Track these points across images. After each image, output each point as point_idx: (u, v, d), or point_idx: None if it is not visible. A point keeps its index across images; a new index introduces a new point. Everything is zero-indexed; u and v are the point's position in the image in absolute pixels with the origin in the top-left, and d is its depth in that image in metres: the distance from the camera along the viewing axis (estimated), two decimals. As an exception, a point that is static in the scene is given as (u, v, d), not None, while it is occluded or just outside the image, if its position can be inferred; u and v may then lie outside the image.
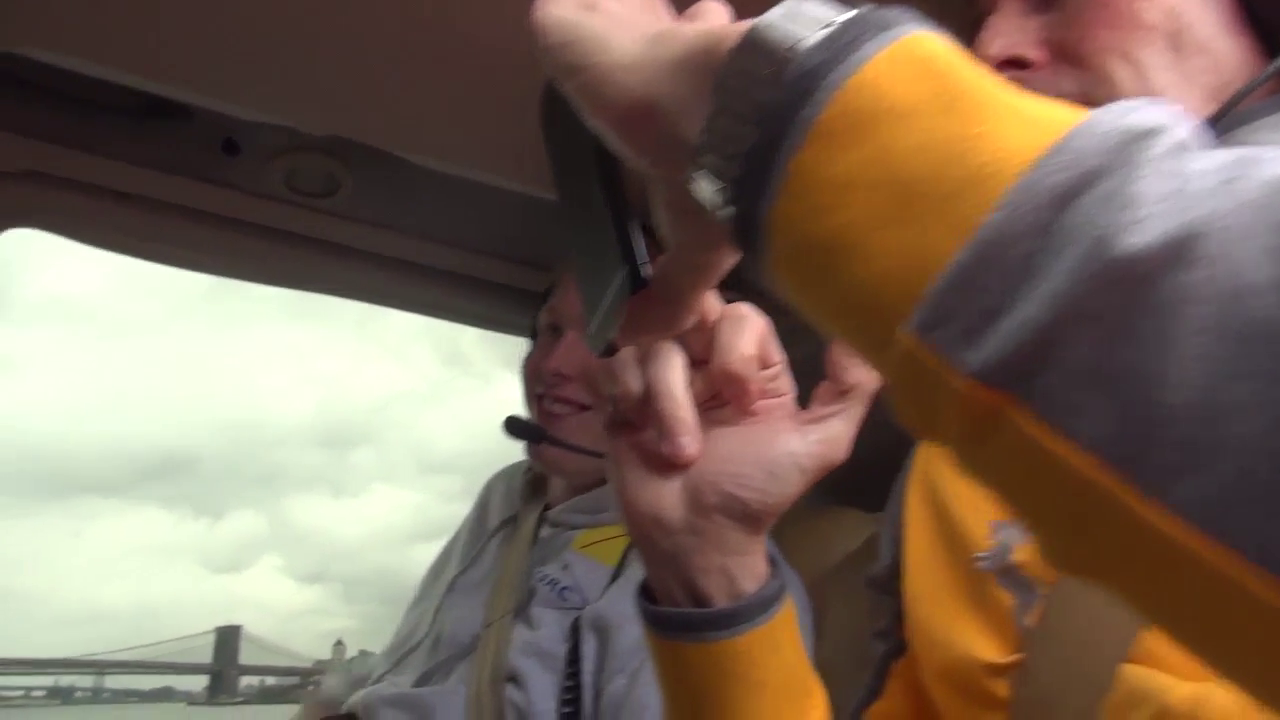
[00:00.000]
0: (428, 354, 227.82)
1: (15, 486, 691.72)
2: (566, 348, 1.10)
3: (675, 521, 0.48)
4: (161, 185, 1.26)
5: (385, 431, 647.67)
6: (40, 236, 1.25)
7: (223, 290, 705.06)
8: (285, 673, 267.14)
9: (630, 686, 0.90)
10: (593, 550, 1.07)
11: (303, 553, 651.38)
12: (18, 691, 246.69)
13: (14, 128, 1.16)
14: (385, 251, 1.42)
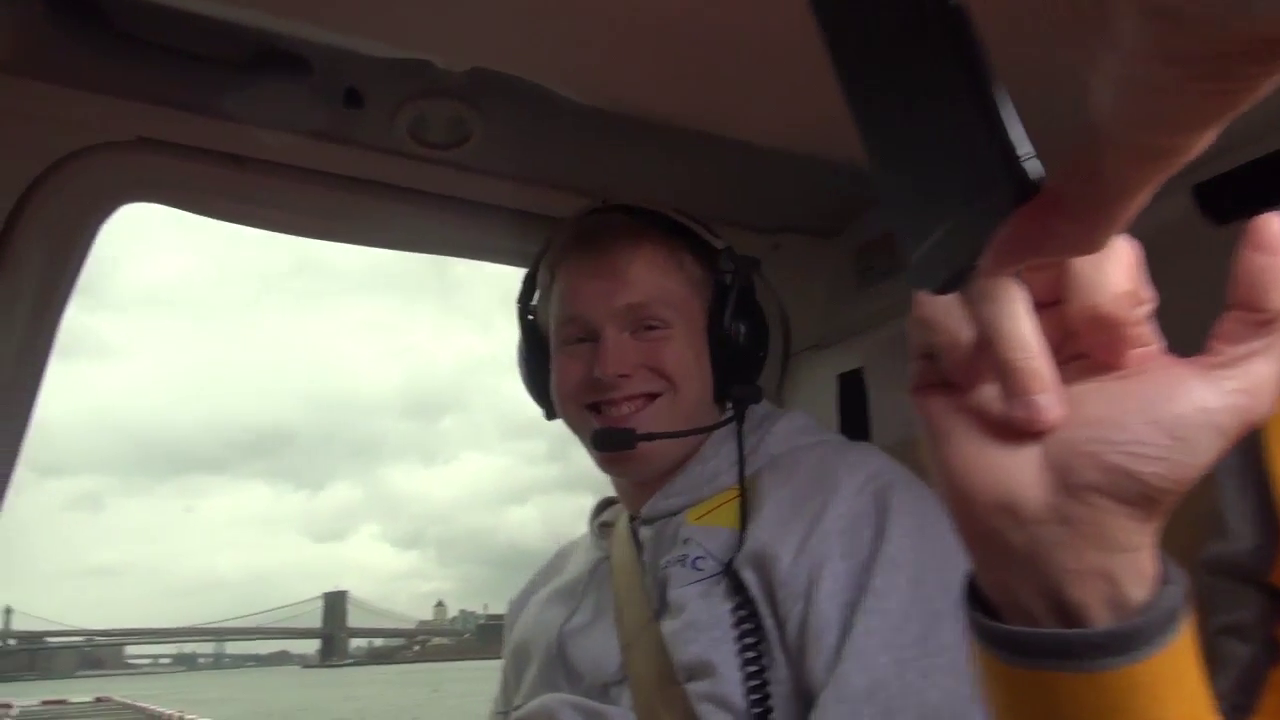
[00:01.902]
0: (507, 320, 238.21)
1: (129, 467, 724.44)
2: (614, 346, 1.04)
3: (1034, 507, 0.38)
4: (279, 146, 1.17)
5: (470, 399, 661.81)
6: (130, 226, 1.17)
7: (306, 269, 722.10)
8: (391, 634, 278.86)
9: (806, 610, 0.88)
10: (707, 520, 1.02)
11: (399, 519, 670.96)
12: (146, 660, 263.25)
13: (122, 92, 1.08)
14: (516, 205, 1.32)
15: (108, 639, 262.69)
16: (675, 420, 1.04)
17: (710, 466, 1.06)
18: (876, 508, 0.92)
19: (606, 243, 1.07)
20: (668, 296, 1.06)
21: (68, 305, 1.11)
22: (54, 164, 1.08)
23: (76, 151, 1.09)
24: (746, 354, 1.09)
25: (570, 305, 1.08)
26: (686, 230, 1.11)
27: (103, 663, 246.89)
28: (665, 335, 1.05)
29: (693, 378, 1.06)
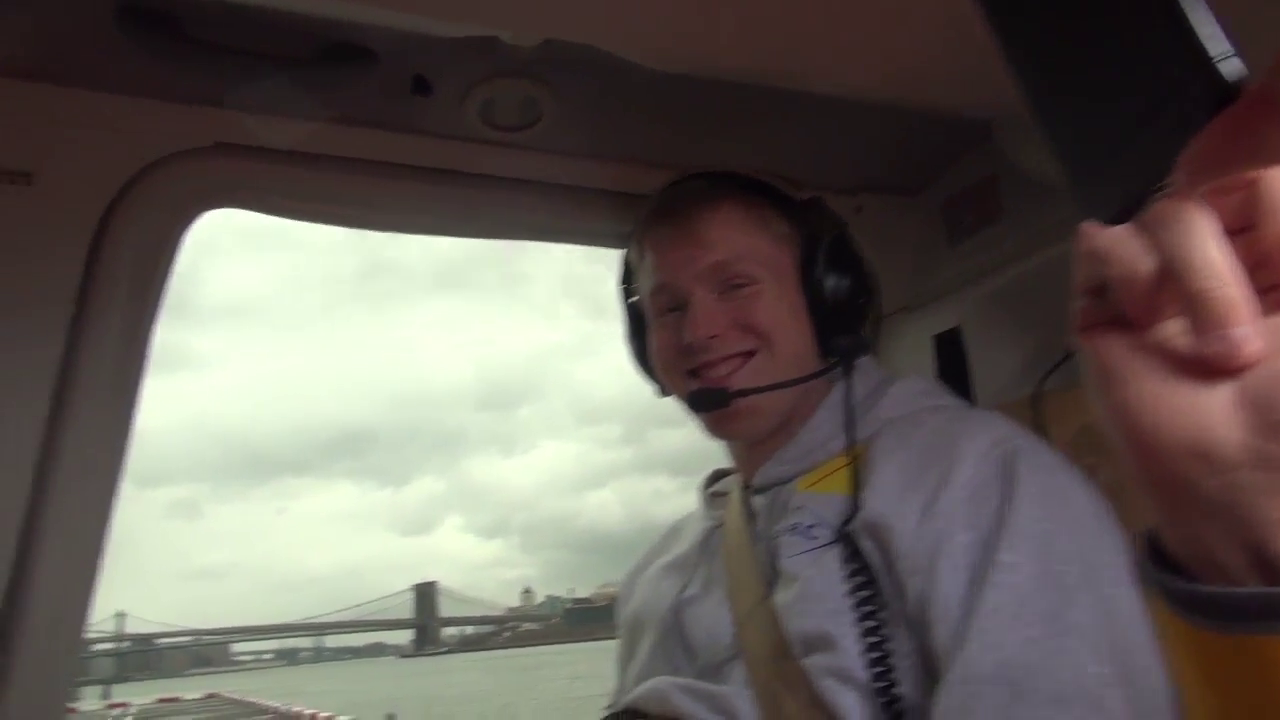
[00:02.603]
0: (573, 309, 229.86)
1: (222, 473, 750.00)
2: (701, 308, 1.03)
3: (1230, 451, 0.34)
4: (350, 141, 1.17)
5: (544, 388, 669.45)
6: (207, 240, 1.17)
7: (376, 272, 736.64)
8: (481, 621, 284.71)
9: (928, 584, 0.83)
10: (819, 487, 0.99)
11: (481, 510, 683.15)
12: (250, 656, 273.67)
13: (197, 98, 1.08)
14: (591, 184, 1.29)
15: (214, 638, 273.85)
16: (773, 376, 1.01)
17: (822, 432, 1.03)
18: (1002, 476, 0.87)
19: (685, 209, 1.06)
20: (752, 253, 1.04)
21: (159, 316, 1.12)
22: (135, 176, 1.09)
23: (156, 162, 1.09)
24: (846, 304, 1.06)
25: (657, 275, 1.07)
26: (768, 188, 1.09)
27: (210, 661, 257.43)
28: (754, 292, 1.03)
29: (787, 332, 1.03)
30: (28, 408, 1.03)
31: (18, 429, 1.03)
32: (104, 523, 1.08)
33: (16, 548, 1.01)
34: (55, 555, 1.03)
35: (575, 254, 53.44)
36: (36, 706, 1.02)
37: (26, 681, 1.01)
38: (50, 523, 1.03)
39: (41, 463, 1.03)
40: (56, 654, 1.04)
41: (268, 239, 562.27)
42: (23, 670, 1.00)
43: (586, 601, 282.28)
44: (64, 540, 1.04)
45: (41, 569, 1.02)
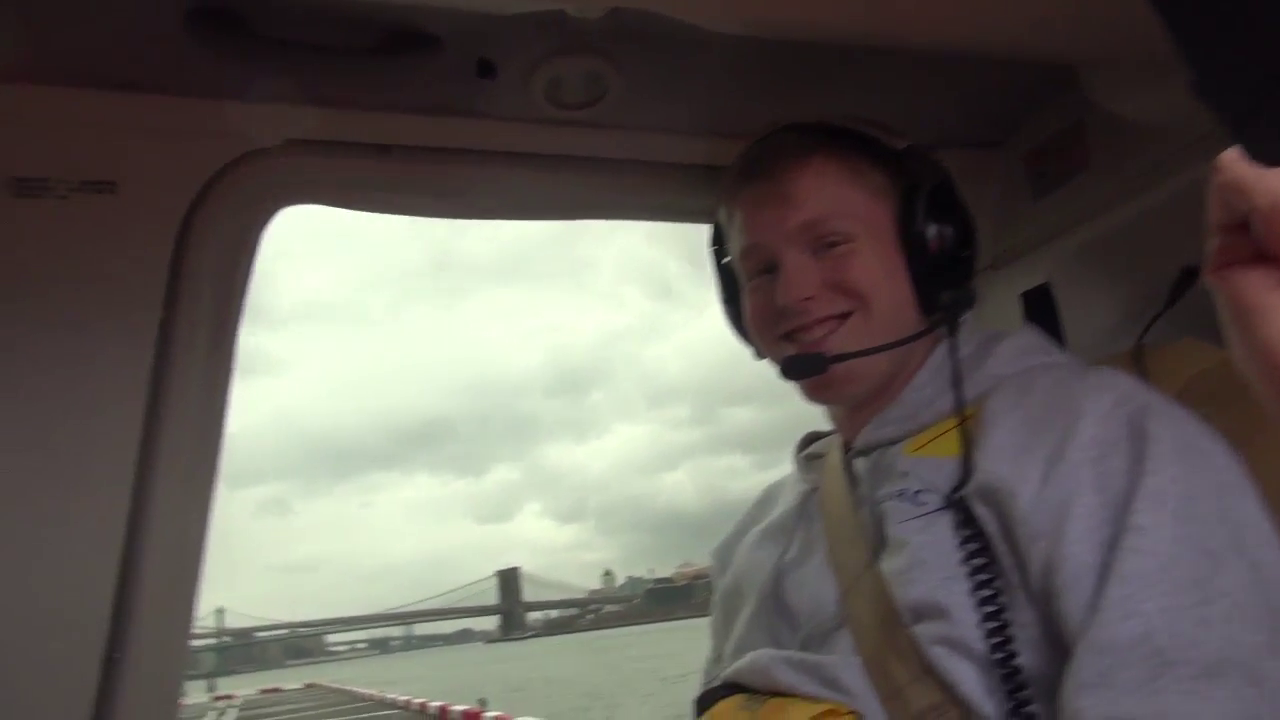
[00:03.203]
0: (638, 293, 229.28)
1: (307, 470, 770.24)
2: (793, 269, 0.99)
3: None
4: (418, 129, 1.17)
5: (614, 371, 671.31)
6: (280, 246, 1.18)
7: (442, 266, 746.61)
8: (564, 605, 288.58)
9: (1053, 551, 0.79)
10: (927, 450, 0.94)
11: (558, 495, 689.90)
12: (344, 646, 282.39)
13: (266, 96, 1.09)
14: (663, 158, 1.28)
15: (309, 629, 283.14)
16: (871, 337, 0.97)
17: (927, 392, 0.99)
18: (1131, 434, 0.82)
19: (773, 165, 1.02)
20: (845, 208, 0.99)
21: (244, 315, 1.14)
22: (211, 178, 1.10)
23: (231, 163, 1.11)
24: (948, 257, 1.00)
25: (747, 236, 1.03)
26: (863, 138, 1.03)
27: (307, 652, 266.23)
28: (848, 250, 0.98)
29: (885, 290, 0.98)
30: (125, 414, 1.06)
31: (117, 435, 1.05)
32: (204, 522, 1.11)
33: (123, 551, 1.04)
34: (160, 556, 1.06)
35: (636, 237, 52.19)
36: (152, 700, 1.05)
37: (142, 676, 1.04)
38: (153, 525, 1.06)
39: (141, 467, 1.06)
40: (167, 649, 1.07)
41: (337, 240, 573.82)
42: (138, 666, 1.04)
43: (667, 581, 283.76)
44: (167, 541, 1.07)
45: (148, 570, 1.05)
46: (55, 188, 1.04)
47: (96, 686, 1.01)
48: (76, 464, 1.04)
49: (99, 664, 1.02)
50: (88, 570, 1.03)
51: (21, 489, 1.02)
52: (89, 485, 1.04)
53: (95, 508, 1.04)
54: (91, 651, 1.02)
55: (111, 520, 1.04)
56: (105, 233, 1.06)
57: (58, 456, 1.04)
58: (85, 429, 1.05)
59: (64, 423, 1.04)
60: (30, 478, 1.02)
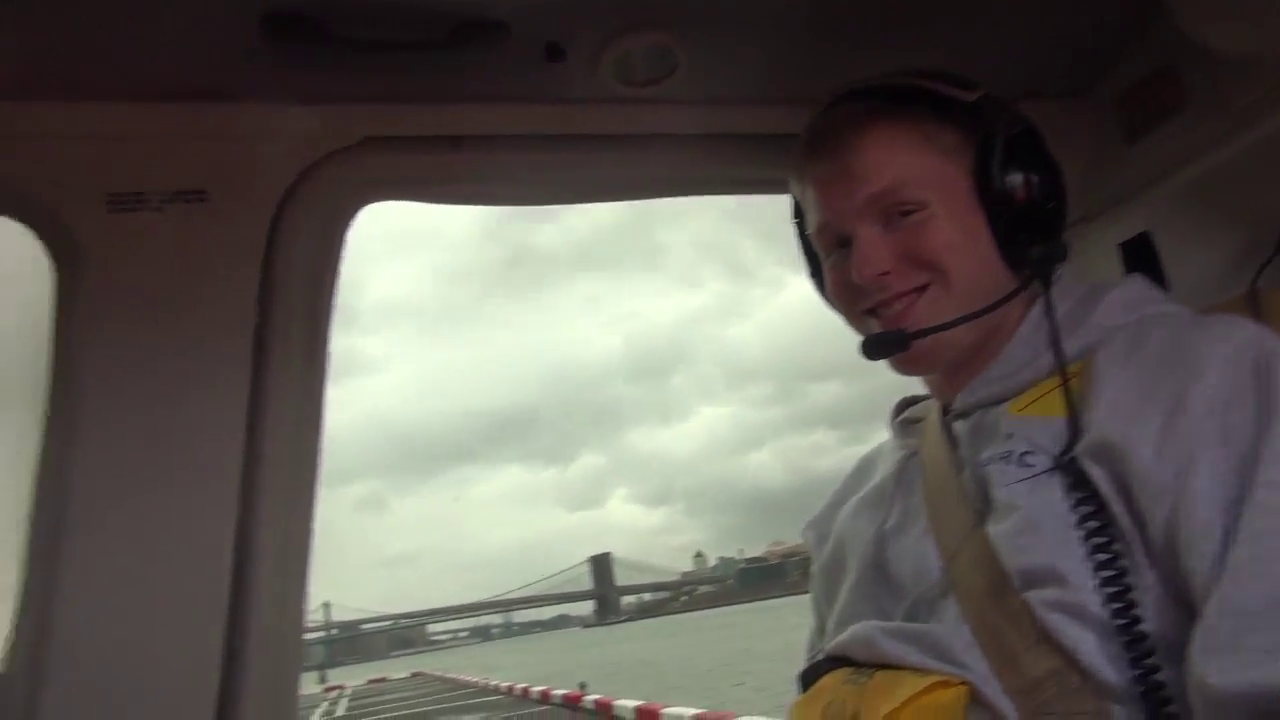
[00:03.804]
0: (714, 273, 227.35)
1: (400, 467, 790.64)
2: (865, 245, 0.95)
3: None
4: (490, 118, 1.17)
5: (694, 354, 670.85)
6: (360, 249, 1.20)
7: (518, 260, 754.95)
8: (657, 588, 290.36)
9: (1176, 510, 0.76)
10: (1033, 409, 0.91)
11: (645, 479, 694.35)
12: (446, 635, 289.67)
13: (342, 96, 1.11)
14: (735, 130, 1.25)
15: (411, 620, 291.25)
16: (953, 306, 0.94)
17: (1028, 349, 0.95)
18: (1257, 384, 0.78)
19: (833, 139, 0.98)
20: (914, 175, 0.95)
21: (334, 314, 1.16)
22: (295, 181, 1.12)
23: (313, 164, 1.13)
24: (1032, 209, 0.95)
25: (818, 213, 1.00)
26: (929, 95, 0.98)
27: (411, 642, 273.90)
28: (922, 219, 0.94)
29: (964, 256, 0.94)
30: (228, 418, 1.09)
31: (222, 440, 1.08)
32: (309, 518, 1.13)
33: (235, 550, 1.07)
34: (270, 553, 1.09)
35: (709, 217, 51.80)
36: (272, 692, 1.09)
37: (261, 670, 1.07)
38: (262, 523, 1.09)
39: (247, 469, 1.09)
40: (283, 643, 1.10)
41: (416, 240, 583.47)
42: (257, 660, 1.07)
43: (759, 560, 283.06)
44: (276, 538, 1.10)
45: (260, 567, 1.08)
46: (149, 200, 1.08)
47: (219, 680, 1.05)
48: (185, 469, 1.08)
49: (220, 659, 1.05)
50: (203, 569, 1.06)
51: (134, 496, 1.06)
52: (198, 489, 1.07)
53: (206, 510, 1.07)
54: (212, 647, 1.05)
55: (222, 521, 1.07)
56: (198, 241, 1.09)
57: (167, 464, 1.07)
58: (191, 435, 1.08)
59: (170, 430, 1.08)
60: (141, 485, 1.06)
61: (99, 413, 1.06)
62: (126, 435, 1.06)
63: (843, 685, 0.90)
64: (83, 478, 1.05)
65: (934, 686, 0.82)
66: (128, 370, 1.07)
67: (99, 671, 1.02)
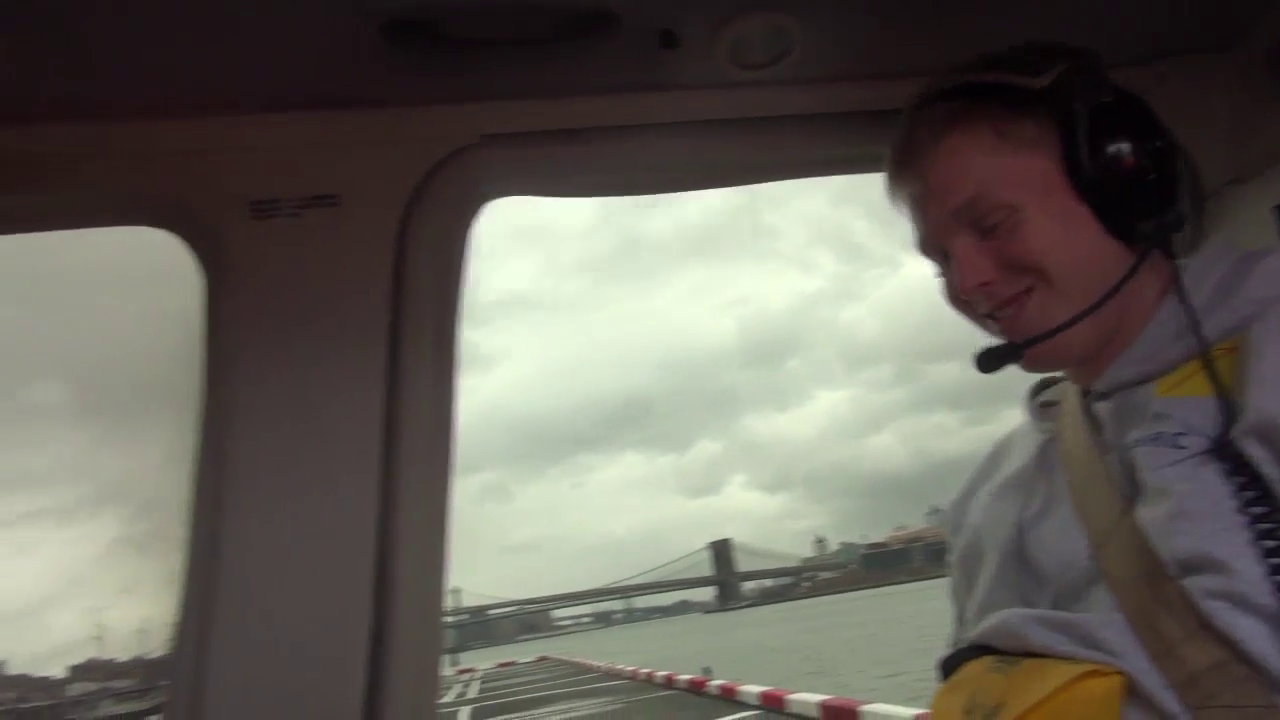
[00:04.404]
0: (827, 255, 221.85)
1: (522, 456, 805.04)
2: (962, 259, 0.93)
3: None
4: (606, 109, 1.18)
5: (809, 337, 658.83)
6: (476, 246, 1.23)
7: (628, 250, 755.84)
8: (779, 573, 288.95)
9: None
10: (1183, 390, 0.86)
11: (763, 465, 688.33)
12: (570, 620, 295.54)
13: (460, 96, 1.13)
14: (855, 107, 1.23)
15: (536, 606, 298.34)
16: (1064, 304, 0.90)
17: (1173, 325, 0.90)
18: None
19: (911, 154, 0.97)
20: (996, 178, 0.91)
21: (463, 310, 1.19)
22: (420, 182, 1.16)
23: (436, 165, 1.16)
24: (1136, 181, 0.90)
25: (915, 228, 0.99)
26: (998, 90, 0.93)
27: (536, 627, 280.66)
28: (1014, 223, 0.90)
29: (1066, 250, 0.90)
30: (365, 414, 1.13)
31: (360, 436, 1.13)
32: (445, 507, 1.17)
33: (377, 539, 1.12)
34: (410, 541, 1.13)
35: (820, 199, 50.69)
36: (415, 674, 1.13)
37: (405, 652, 1.12)
38: (401, 513, 1.13)
39: (385, 462, 1.13)
40: (425, 626, 1.14)
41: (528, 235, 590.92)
42: (401, 643, 1.11)
43: (882, 546, 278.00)
44: (415, 528, 1.14)
45: (401, 554, 1.12)
46: (286, 207, 1.13)
47: (366, 663, 1.10)
48: (328, 462, 1.13)
49: (366, 640, 1.10)
50: (349, 556, 1.11)
51: (283, 488, 1.11)
52: (341, 480, 1.12)
53: (349, 500, 1.12)
54: (359, 629, 1.10)
55: (364, 510, 1.12)
56: (332, 244, 1.14)
57: (312, 457, 1.12)
58: (333, 430, 1.13)
59: (313, 425, 1.13)
60: (289, 477, 1.12)
61: (248, 410, 1.12)
62: (274, 431, 1.12)
63: (987, 674, 0.87)
64: (236, 471, 1.11)
65: (1086, 676, 0.79)
66: (272, 369, 1.13)
67: (257, 650, 1.09)
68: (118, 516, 1.73)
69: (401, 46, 1.02)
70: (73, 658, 19.21)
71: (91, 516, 2.48)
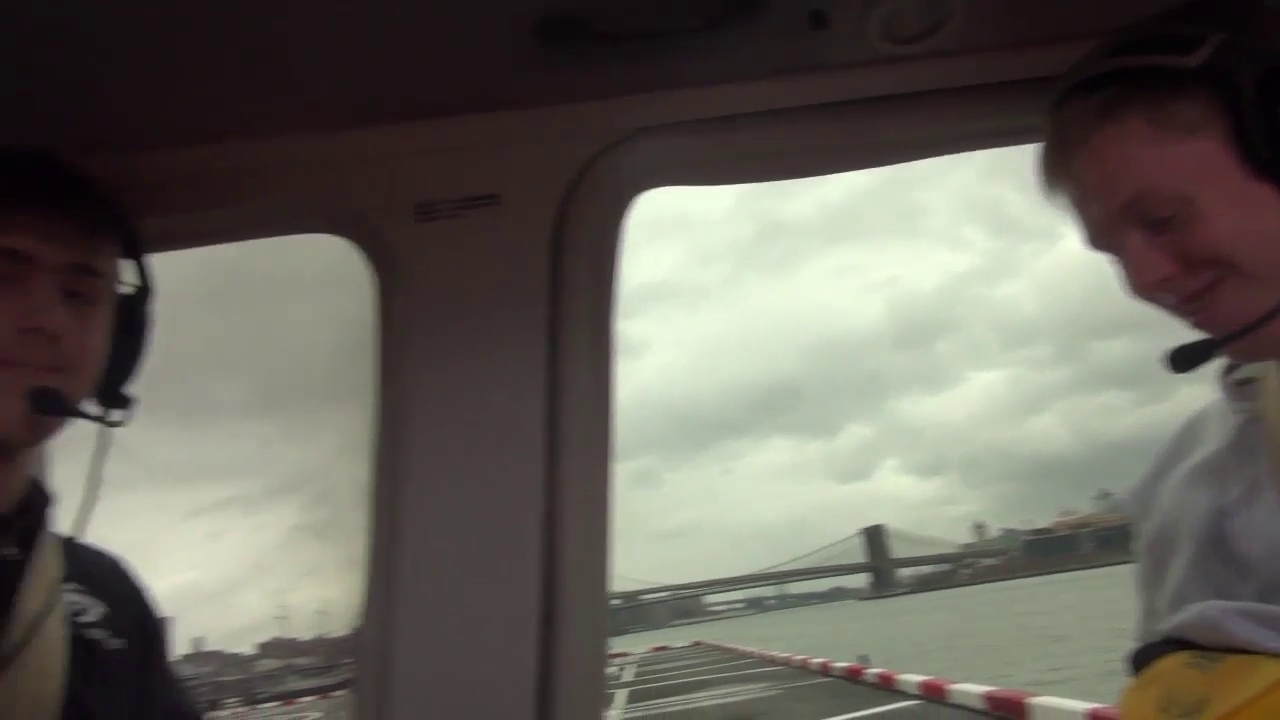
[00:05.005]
0: (977, 231, 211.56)
1: (670, 443, 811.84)
2: (1136, 258, 0.87)
3: None
4: (759, 94, 1.17)
5: (961, 317, 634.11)
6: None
7: (769, 236, 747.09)
8: (936, 560, 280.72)
9: None
10: None
11: (916, 449, 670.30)
12: (722, 606, 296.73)
13: (613, 90, 1.15)
14: (1005, 78, 1.17)
15: (688, 591, 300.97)
16: (1261, 290, 0.83)
17: None
18: None
19: (1067, 154, 0.90)
20: (1160, 172, 0.83)
21: (618, 303, 1.21)
22: (575, 177, 1.18)
23: (590, 160, 1.18)
24: None
25: (1081, 230, 0.93)
26: (1155, 73, 0.84)
27: (688, 612, 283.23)
28: (1188, 215, 0.83)
29: (1252, 235, 0.82)
30: (528, 404, 1.17)
31: (524, 426, 1.17)
32: (607, 493, 1.20)
33: (544, 525, 1.16)
34: (576, 529, 1.17)
35: (970, 172, 48.34)
36: (584, 655, 1.16)
37: (574, 634, 1.15)
38: (566, 502, 1.16)
39: (549, 453, 1.17)
40: (592, 609, 1.18)
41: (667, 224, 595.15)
42: (569, 626, 1.15)
43: (1047, 532, 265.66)
44: (579, 515, 1.17)
45: (567, 541, 1.16)
46: (448, 208, 1.18)
47: (537, 646, 1.14)
48: (493, 453, 1.17)
49: (537, 620, 1.14)
50: (517, 541, 1.15)
51: (454, 476, 1.17)
52: (506, 471, 1.17)
53: (516, 489, 1.16)
54: (529, 610, 1.14)
55: (530, 498, 1.16)
56: (492, 242, 1.18)
57: (479, 447, 1.17)
58: (497, 423, 1.18)
59: (480, 417, 1.18)
60: (459, 466, 1.17)
61: (419, 404, 1.18)
62: (444, 423, 1.18)
63: (1184, 670, 0.82)
64: (410, 462, 1.17)
65: None
66: (440, 364, 1.18)
67: (435, 628, 1.15)
68: (297, 505, 1.85)
69: (554, 45, 1.05)
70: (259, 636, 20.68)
71: (273, 505, 2.68)
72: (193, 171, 1.18)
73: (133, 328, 1.06)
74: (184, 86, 1.08)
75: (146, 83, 1.07)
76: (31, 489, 1.01)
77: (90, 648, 0.99)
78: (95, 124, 1.12)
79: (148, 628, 1.13)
